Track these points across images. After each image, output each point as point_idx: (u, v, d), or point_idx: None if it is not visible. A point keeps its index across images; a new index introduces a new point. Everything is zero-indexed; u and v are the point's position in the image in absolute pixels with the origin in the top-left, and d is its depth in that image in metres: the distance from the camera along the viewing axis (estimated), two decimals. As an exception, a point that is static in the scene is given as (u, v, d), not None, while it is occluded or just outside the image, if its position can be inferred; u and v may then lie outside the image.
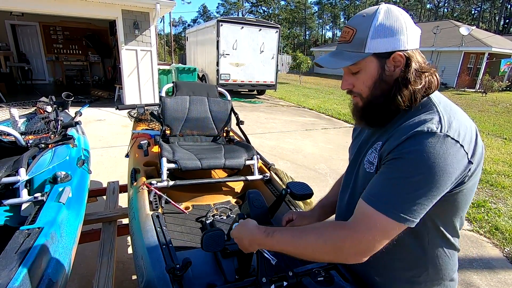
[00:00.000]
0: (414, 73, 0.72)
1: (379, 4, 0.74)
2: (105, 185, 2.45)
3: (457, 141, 0.64)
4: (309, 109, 9.08)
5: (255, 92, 11.80)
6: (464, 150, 0.65)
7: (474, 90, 16.13)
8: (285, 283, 0.86)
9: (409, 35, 0.71)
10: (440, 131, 0.64)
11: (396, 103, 0.73)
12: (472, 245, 2.64)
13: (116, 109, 2.26)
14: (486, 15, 42.22)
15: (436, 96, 0.75)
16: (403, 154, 0.65)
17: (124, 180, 2.69)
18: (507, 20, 37.11)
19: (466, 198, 0.73)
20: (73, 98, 2.27)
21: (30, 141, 1.58)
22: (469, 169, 0.67)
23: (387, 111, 0.75)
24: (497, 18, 39.95)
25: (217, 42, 9.44)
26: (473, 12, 43.52)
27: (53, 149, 1.60)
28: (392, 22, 0.70)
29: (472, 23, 32.73)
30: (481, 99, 13.00)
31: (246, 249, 0.83)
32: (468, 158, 0.65)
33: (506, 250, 2.59)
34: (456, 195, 0.70)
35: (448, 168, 0.63)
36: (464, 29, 15.93)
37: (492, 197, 3.60)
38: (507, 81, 16.57)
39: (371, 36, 0.70)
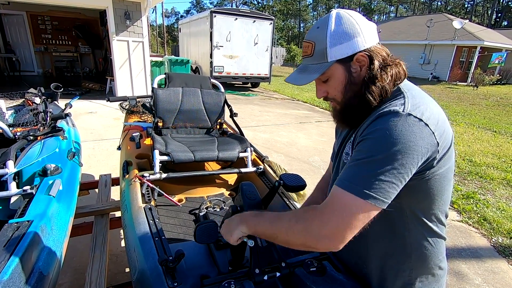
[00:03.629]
0: (378, 69, 0.74)
1: (330, 11, 0.76)
2: (97, 178, 2.42)
3: (421, 119, 0.65)
4: (303, 102, 9.08)
5: (249, 85, 11.73)
6: (430, 128, 0.65)
7: (465, 83, 16.32)
8: (278, 274, 0.87)
9: (365, 34, 0.73)
10: (403, 111, 0.66)
11: (368, 101, 0.74)
12: (461, 235, 2.71)
13: (107, 101, 2.21)
14: (479, 9, 42.50)
15: (406, 85, 0.77)
16: (367, 135, 0.68)
17: (116, 173, 2.66)
18: (499, 14, 37.41)
19: (441, 186, 0.73)
20: (62, 89, 2.22)
21: (18, 133, 1.54)
22: (437, 151, 0.67)
23: (363, 110, 0.76)
24: (489, 12, 40.22)
25: (211, 33, 9.30)
26: (466, 5, 43.73)
27: (42, 141, 1.56)
28: (344, 27, 0.73)
29: (465, 17, 32.90)
30: (473, 93, 13.17)
31: (231, 233, 0.80)
32: (435, 138, 0.66)
33: (493, 240, 2.67)
34: (429, 182, 0.71)
35: (411, 145, 0.63)
36: (457, 23, 16.02)
37: (481, 188, 3.68)
38: (498, 75, 16.80)
39: (329, 45, 0.73)
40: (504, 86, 16.64)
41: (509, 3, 38.56)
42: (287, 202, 1.40)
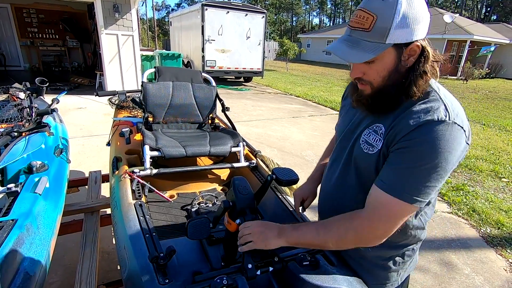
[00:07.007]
0: (429, 64, 0.71)
1: None
2: (87, 175, 2.37)
3: (461, 127, 0.67)
4: (296, 96, 9.07)
5: (241, 79, 11.65)
6: (465, 134, 0.68)
7: (456, 77, 16.55)
8: (270, 269, 0.86)
9: (426, 24, 0.69)
10: (449, 119, 0.66)
11: (411, 94, 0.71)
12: (451, 227, 2.75)
13: (95, 95, 2.16)
14: (468, 3, 42.91)
15: (434, 82, 0.75)
16: (415, 143, 0.67)
17: (107, 169, 2.61)
18: (488, 8, 37.83)
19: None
20: (47, 84, 2.15)
21: (2, 130, 1.49)
22: (466, 150, 0.71)
23: (395, 100, 0.73)
24: (479, 6, 40.68)
25: (202, 27, 9.17)
26: (456, -1, 44.10)
27: (27, 137, 1.51)
28: (415, 11, 0.66)
29: (455, 11, 33.19)
30: (462, 86, 13.37)
31: (268, 243, 0.81)
32: (466, 141, 0.69)
33: (482, 230, 2.72)
34: None
35: (454, 152, 0.67)
36: (447, 17, 16.14)
37: (470, 180, 3.75)
38: (487, 69, 17.07)
39: (395, 26, 0.65)
40: (492, 80, 16.93)
41: (498, -3, 39.00)
42: (280, 196, 1.39)
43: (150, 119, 1.93)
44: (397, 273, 0.91)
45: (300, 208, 1.15)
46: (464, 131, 0.68)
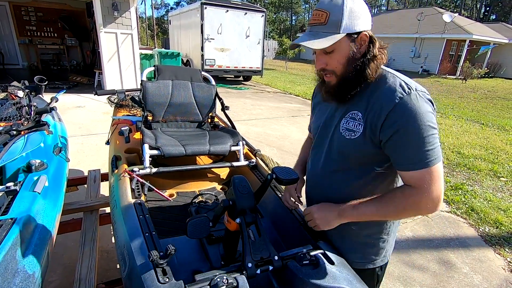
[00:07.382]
0: (377, 50, 0.85)
1: None
2: (86, 173, 2.37)
3: (424, 92, 0.81)
4: (295, 95, 9.07)
5: (241, 78, 11.64)
6: (430, 96, 0.82)
7: (454, 77, 16.56)
8: (270, 267, 0.86)
9: (369, 17, 0.84)
10: (411, 90, 0.80)
11: (365, 76, 0.84)
12: (450, 226, 2.76)
13: (94, 94, 2.15)
14: (468, 2, 42.92)
15: (387, 68, 0.90)
16: (400, 125, 0.79)
17: (106, 168, 2.60)
18: (487, 8, 37.86)
19: None
20: (46, 82, 2.14)
21: (0, 128, 1.48)
22: (436, 109, 0.83)
23: (357, 84, 0.86)
24: (478, 6, 40.73)
25: (201, 26, 9.15)
26: (456, -1, 44.08)
27: (26, 136, 1.50)
28: (359, 6, 0.82)
29: (455, 10, 33.22)
30: (461, 86, 13.39)
31: (330, 224, 0.94)
32: (432, 102, 0.82)
33: (480, 229, 2.73)
34: None
35: (429, 109, 0.79)
36: (447, 16, 16.16)
37: (469, 179, 3.76)
38: (486, 68, 17.09)
39: (344, 18, 0.80)
40: (491, 79, 16.96)
41: (497, -3, 39.00)
42: (280, 195, 1.39)
43: (150, 118, 1.93)
44: (384, 249, 1.02)
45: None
46: (428, 94, 0.81)
